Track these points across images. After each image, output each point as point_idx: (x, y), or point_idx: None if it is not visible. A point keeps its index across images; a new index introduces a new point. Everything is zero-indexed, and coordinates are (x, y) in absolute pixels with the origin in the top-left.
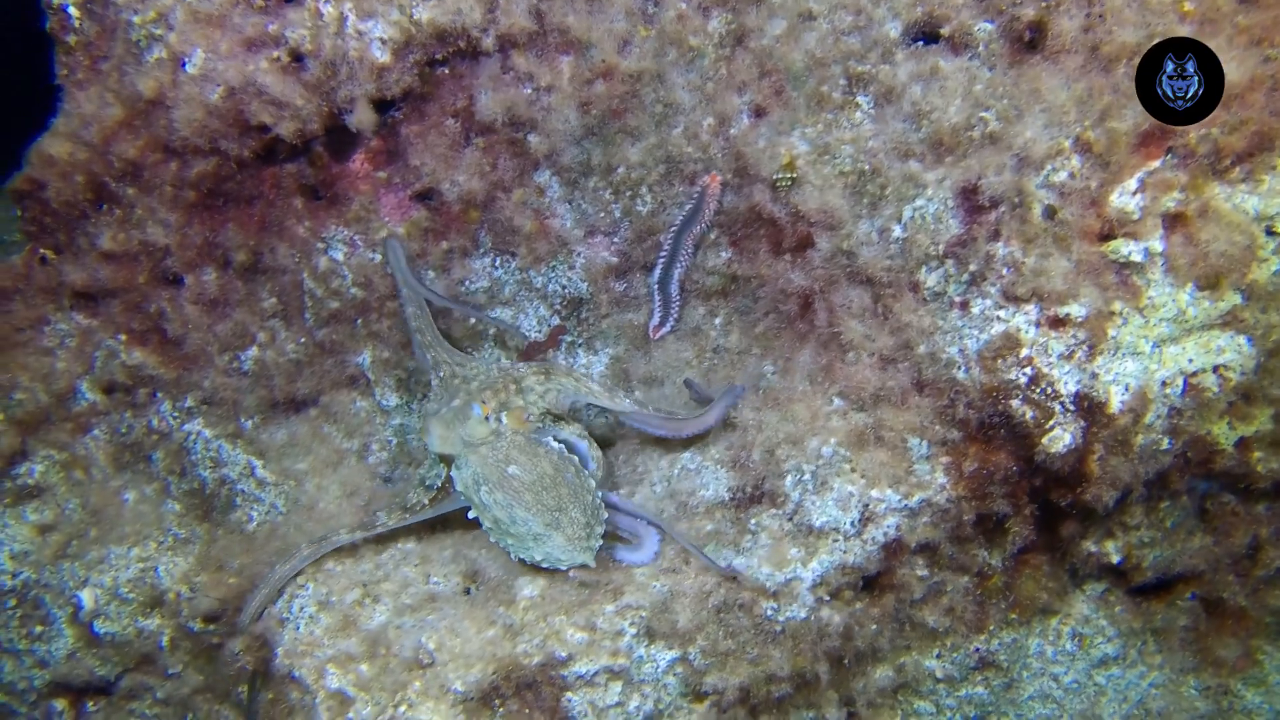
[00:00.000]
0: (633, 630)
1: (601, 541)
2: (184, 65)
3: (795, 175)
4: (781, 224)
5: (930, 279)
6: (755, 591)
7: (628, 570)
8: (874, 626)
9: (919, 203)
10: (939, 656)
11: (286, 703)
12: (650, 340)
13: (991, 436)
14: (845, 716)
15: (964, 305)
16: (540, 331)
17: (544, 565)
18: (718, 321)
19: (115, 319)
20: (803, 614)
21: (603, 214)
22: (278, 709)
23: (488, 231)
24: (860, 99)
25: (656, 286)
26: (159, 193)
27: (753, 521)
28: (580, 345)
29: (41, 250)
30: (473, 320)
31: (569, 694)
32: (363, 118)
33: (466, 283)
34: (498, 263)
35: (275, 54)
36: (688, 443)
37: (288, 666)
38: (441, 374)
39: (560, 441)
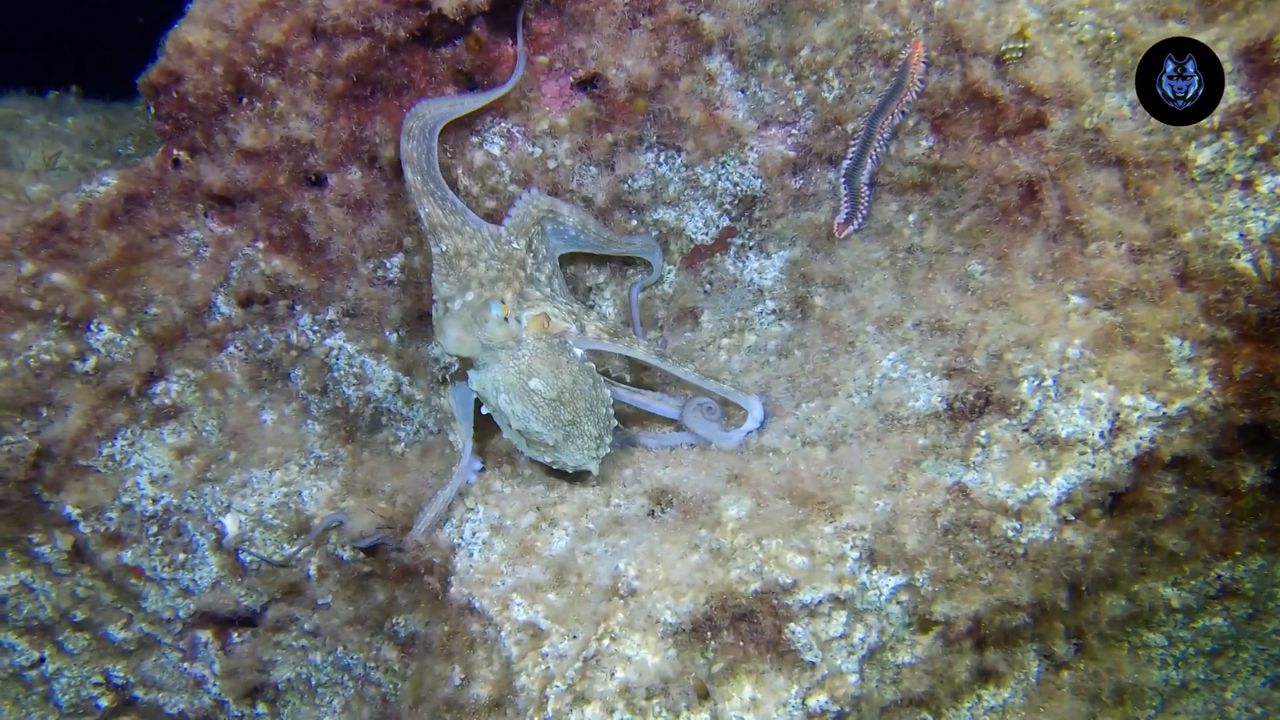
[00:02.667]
0: (855, 554)
1: (609, 450)
2: None
3: (1027, 45)
4: (1003, 104)
5: (1202, 155)
6: (993, 510)
7: (845, 488)
8: (1112, 550)
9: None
10: (1175, 584)
11: (466, 635)
12: (835, 240)
13: (1275, 334)
14: (1074, 650)
15: (1248, 183)
16: (708, 234)
17: (553, 466)
18: (912, 218)
19: (254, 224)
20: (1046, 535)
21: (782, 102)
22: (455, 642)
23: (652, 124)
24: None
25: (845, 179)
26: (304, 82)
27: (983, 433)
28: (752, 248)
29: (175, 151)
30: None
31: (792, 625)
32: None
33: (630, 180)
34: (661, 159)
35: None
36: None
37: (465, 596)
38: (443, 246)
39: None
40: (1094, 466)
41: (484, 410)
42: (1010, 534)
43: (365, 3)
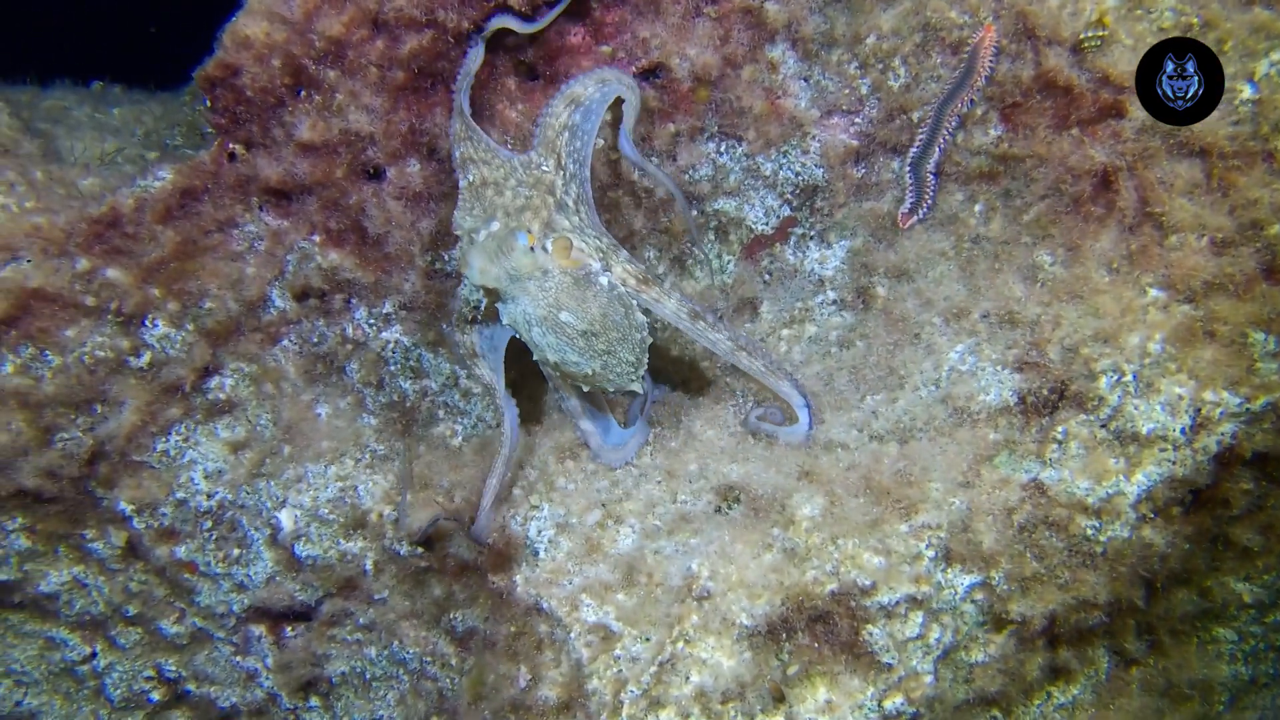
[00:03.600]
0: (931, 553)
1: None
2: None
3: (1105, 34)
4: (1079, 92)
5: None
6: (1071, 508)
7: (920, 485)
8: (1187, 546)
9: (1276, 56)
10: (1248, 579)
11: (534, 635)
12: (899, 230)
13: None
14: (1146, 646)
15: None
16: (768, 223)
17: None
18: (978, 208)
19: (311, 218)
20: (1125, 533)
21: (846, 90)
22: (522, 643)
23: (713, 114)
24: None
25: (910, 168)
26: (363, 75)
27: (1059, 429)
28: (813, 238)
29: (231, 145)
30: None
31: (870, 626)
32: None
33: (692, 170)
34: (722, 148)
35: None
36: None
37: (533, 596)
38: (470, 177)
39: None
40: (1175, 463)
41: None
42: (1089, 532)
43: None
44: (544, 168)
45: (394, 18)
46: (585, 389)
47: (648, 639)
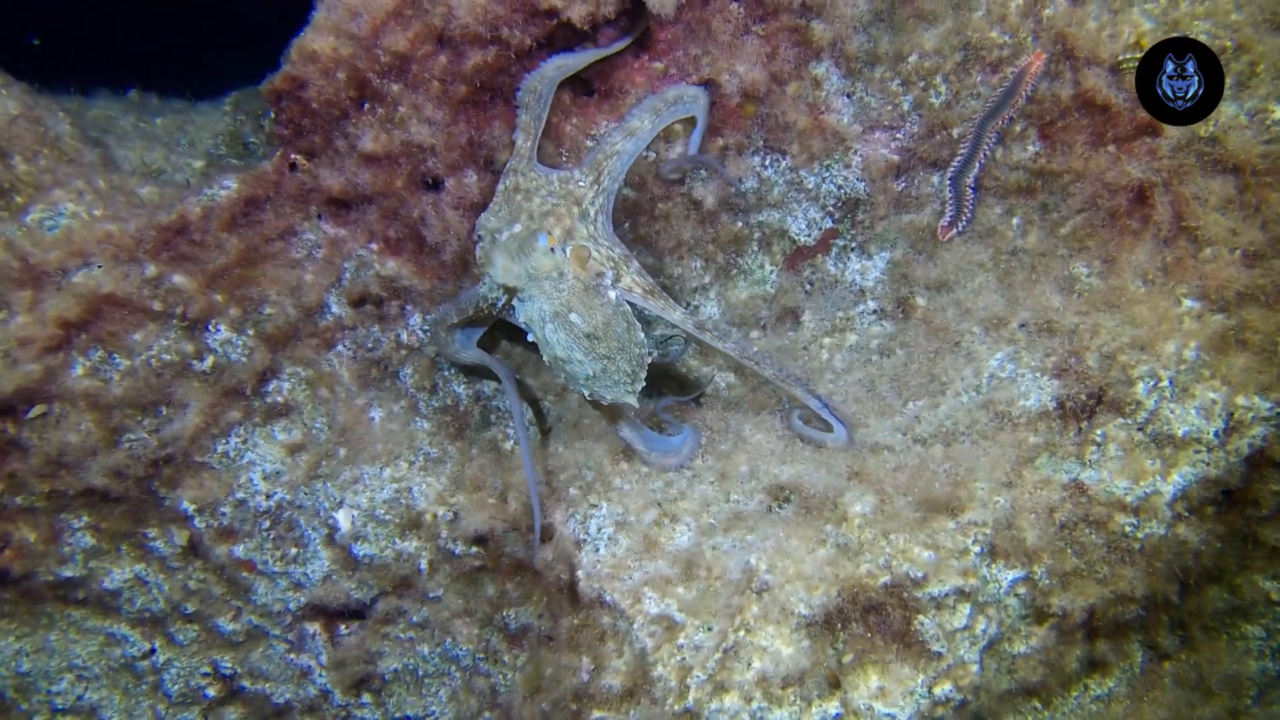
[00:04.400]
0: (977, 549)
1: (644, 384)
2: None
3: (1142, 55)
4: (1116, 111)
5: None
6: (1110, 506)
7: (966, 485)
8: (1219, 544)
9: None
10: (1276, 577)
11: (597, 627)
12: (938, 242)
13: None
14: (1180, 642)
15: None
16: (810, 235)
17: (590, 397)
18: (1016, 221)
19: (370, 226)
20: (1162, 530)
21: (889, 107)
22: (585, 634)
23: (759, 128)
24: None
25: (951, 182)
26: (426, 88)
27: (1098, 432)
28: (853, 249)
29: (293, 155)
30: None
31: (921, 616)
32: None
33: (738, 183)
34: (767, 162)
35: None
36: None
37: (596, 590)
38: (507, 182)
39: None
40: (1209, 465)
41: (529, 337)
42: (1128, 529)
43: (494, 11)
44: (580, 184)
45: (459, 34)
46: (587, 395)
47: (710, 628)
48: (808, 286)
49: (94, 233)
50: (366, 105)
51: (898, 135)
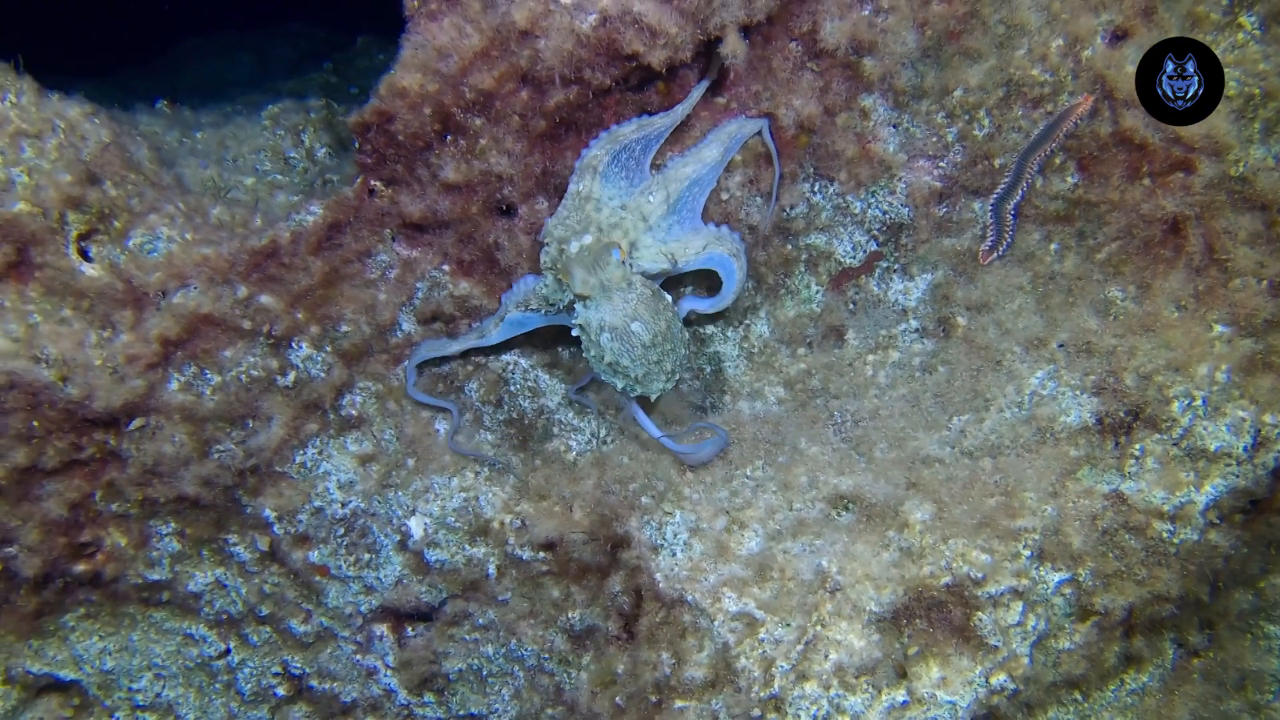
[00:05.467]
0: (1028, 552)
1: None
2: None
3: None
4: (1153, 149)
5: None
6: (1149, 514)
7: (1017, 494)
8: (1246, 550)
9: None
10: None
11: (679, 625)
12: (979, 265)
13: None
14: (1208, 640)
15: None
16: (855, 257)
17: (625, 391)
18: (1054, 246)
19: (445, 249)
20: (1195, 536)
21: (934, 138)
22: (665, 631)
23: (810, 157)
24: (1246, 18)
25: (993, 209)
26: (507, 122)
27: (1137, 446)
28: (896, 271)
29: (373, 182)
30: None
31: (980, 613)
32: (734, 46)
33: (789, 209)
34: (816, 188)
35: None
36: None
37: (677, 591)
38: (580, 186)
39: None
40: (1238, 477)
41: (574, 332)
42: (1165, 535)
43: (579, 55)
44: (650, 199)
45: (544, 75)
46: (619, 387)
47: (789, 624)
48: (851, 306)
49: (192, 256)
50: (449, 137)
51: (941, 164)
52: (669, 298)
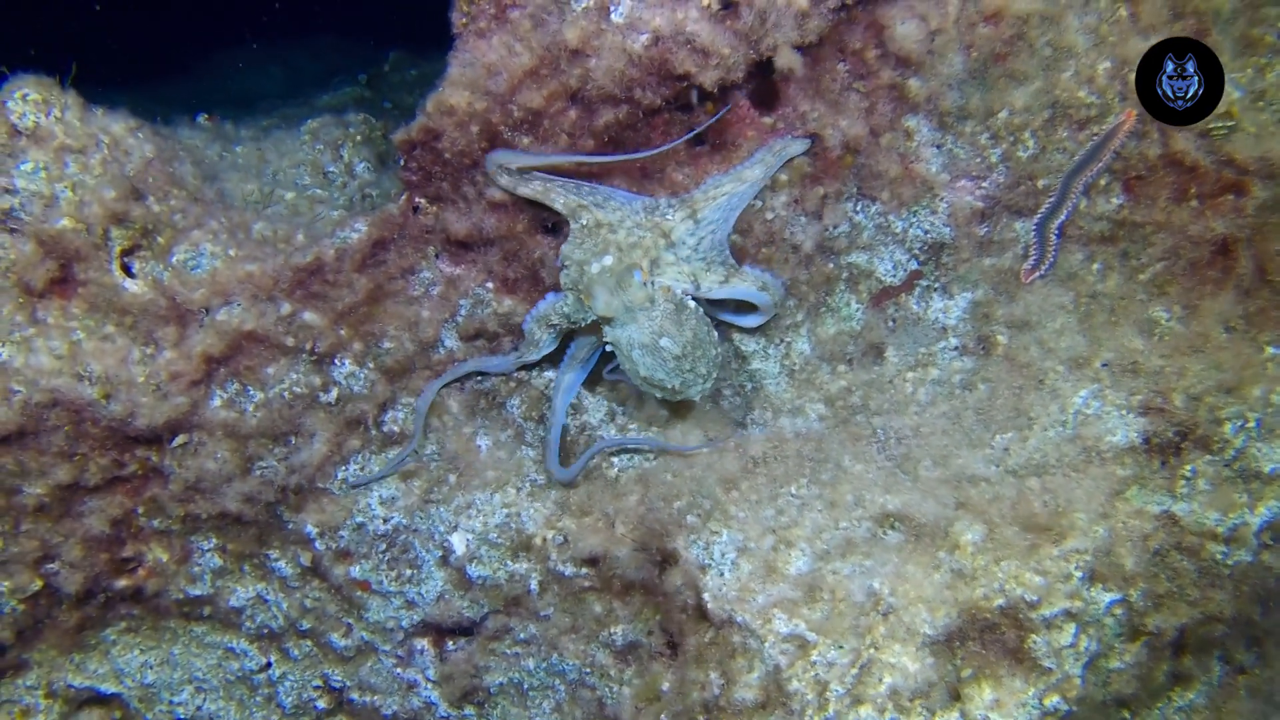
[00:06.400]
0: (1080, 574)
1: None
2: (611, 13)
3: (1233, 124)
4: (1203, 171)
5: None
6: (1202, 535)
7: (1067, 515)
8: None
9: None
10: None
11: (729, 645)
12: (1020, 284)
13: None
14: (1255, 658)
15: None
16: (896, 276)
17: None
18: (1097, 266)
19: (490, 267)
20: (1249, 558)
21: (978, 159)
22: (714, 651)
23: (854, 176)
24: None
25: (1037, 228)
26: (555, 141)
27: (1188, 467)
28: (936, 289)
29: (418, 199)
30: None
31: (1034, 636)
32: (790, 61)
33: (831, 228)
34: (858, 207)
35: (706, 2)
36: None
37: (727, 611)
38: (583, 221)
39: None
40: None
41: (607, 348)
42: (1219, 556)
43: (630, 75)
44: (669, 217)
45: (594, 94)
46: (658, 396)
47: (842, 646)
48: (891, 323)
49: (236, 273)
50: None
51: (984, 184)
52: (692, 303)
